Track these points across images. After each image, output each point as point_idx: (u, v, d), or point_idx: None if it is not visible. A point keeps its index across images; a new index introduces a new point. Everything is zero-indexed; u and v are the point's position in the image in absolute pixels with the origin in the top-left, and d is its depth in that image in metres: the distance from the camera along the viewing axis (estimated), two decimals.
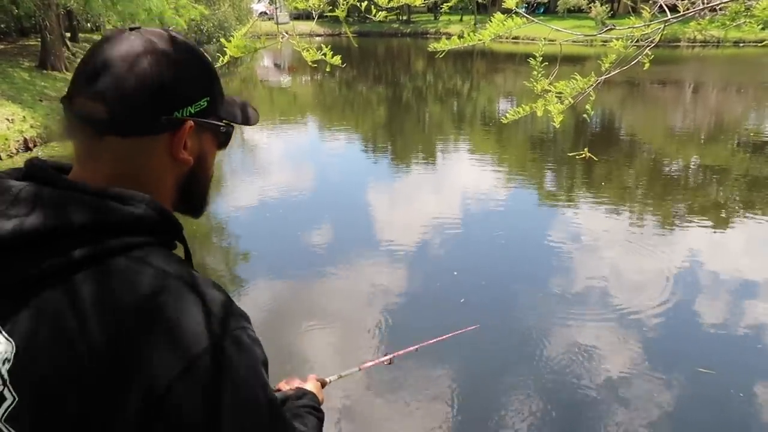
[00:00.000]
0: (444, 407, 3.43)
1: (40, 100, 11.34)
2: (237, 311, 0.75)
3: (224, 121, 0.81)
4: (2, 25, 19.92)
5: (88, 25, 21.68)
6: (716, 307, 4.58)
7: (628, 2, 28.83)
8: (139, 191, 0.72)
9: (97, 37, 21.84)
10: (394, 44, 36.66)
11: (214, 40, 28.06)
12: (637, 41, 1.98)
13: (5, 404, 0.65)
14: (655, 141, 11.40)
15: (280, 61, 27.84)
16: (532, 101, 2.29)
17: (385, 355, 1.57)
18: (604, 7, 31.45)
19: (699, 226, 6.32)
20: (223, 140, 0.83)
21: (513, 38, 30.41)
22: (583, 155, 2.09)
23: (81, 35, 20.91)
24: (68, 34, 18.40)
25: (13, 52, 16.59)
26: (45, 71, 13.71)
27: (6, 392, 0.65)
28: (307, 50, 1.85)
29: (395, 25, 42.32)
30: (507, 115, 2.08)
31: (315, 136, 12.59)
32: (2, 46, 17.80)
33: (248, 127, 0.97)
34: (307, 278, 5.22)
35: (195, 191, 0.82)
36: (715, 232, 6.19)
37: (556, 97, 2.04)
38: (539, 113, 2.09)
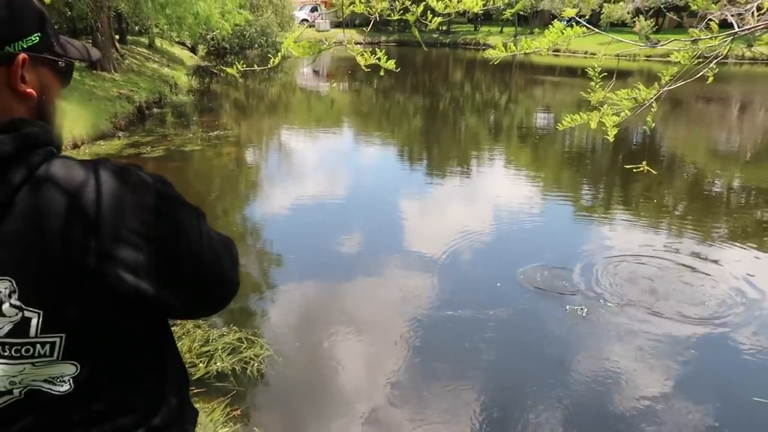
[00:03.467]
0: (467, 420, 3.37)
1: (89, 100, 11.68)
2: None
3: (60, 57, 0.90)
4: (56, 27, 20.60)
5: (137, 28, 22.28)
6: (759, 341, 4.40)
7: (674, 17, 28.22)
8: None
9: (144, 40, 22.47)
10: (432, 54, 36.66)
11: (256, 45, 28.57)
12: (699, 54, 1.92)
13: (33, 322, 0.77)
14: (698, 160, 11.10)
15: (319, 68, 28.11)
16: (580, 112, 2.24)
17: None
18: (648, 22, 30.84)
19: (748, 248, 6.10)
20: (63, 75, 0.92)
21: (554, 51, 30.07)
22: (641, 168, 2.03)
23: (129, 38, 21.51)
24: (117, 36, 18.94)
25: None
26: (94, 72, 14.12)
27: (28, 313, 0.77)
28: (362, 55, 1.85)
29: (435, 35, 42.32)
30: (562, 122, 2.03)
31: (351, 143, 12.63)
32: None
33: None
34: (339, 284, 5.22)
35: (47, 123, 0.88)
36: (763, 258, 5.96)
37: (612, 109, 1.98)
38: (593, 125, 2.04)
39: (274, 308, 4.72)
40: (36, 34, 0.84)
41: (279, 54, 1.87)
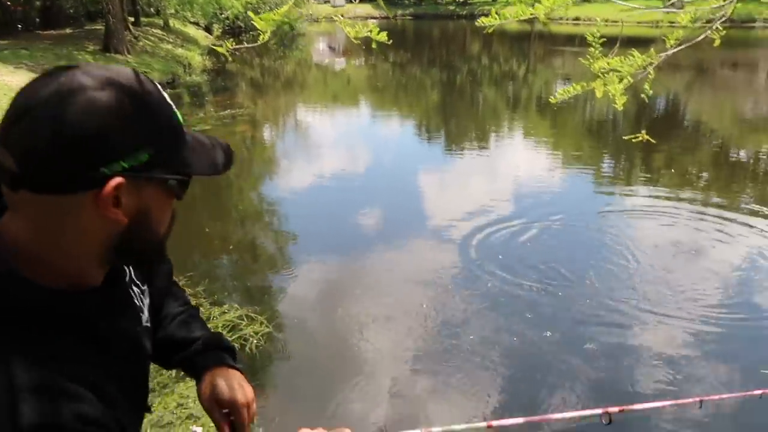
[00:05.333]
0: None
1: None
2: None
3: (175, 174, 0.70)
4: (71, 10, 20.72)
5: (151, 9, 22.26)
6: None
7: None
8: (54, 250, 0.67)
9: (159, 21, 22.47)
10: (449, 26, 36.10)
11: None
12: (708, 20, 1.82)
13: None
14: (723, 128, 10.80)
15: (334, 45, 27.88)
16: (589, 82, 2.16)
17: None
18: None
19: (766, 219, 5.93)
20: (177, 192, 0.72)
21: (573, 19, 29.41)
22: (640, 138, 1.95)
23: (143, 19, 21.51)
24: (131, 19, 18.95)
25: (80, 36, 17.26)
26: (108, 54, 14.18)
27: None
28: (352, 26, 1.79)
29: (451, 7, 41.66)
30: (556, 94, 1.96)
31: (367, 118, 12.55)
32: (70, 30, 18.53)
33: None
34: (356, 261, 5.21)
35: (133, 250, 0.72)
36: None
37: (615, 76, 1.90)
38: (599, 94, 1.96)
39: (278, 285, 4.71)
40: (146, 152, 0.66)
41: (266, 32, 1.81)
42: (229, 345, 1.09)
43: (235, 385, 1.01)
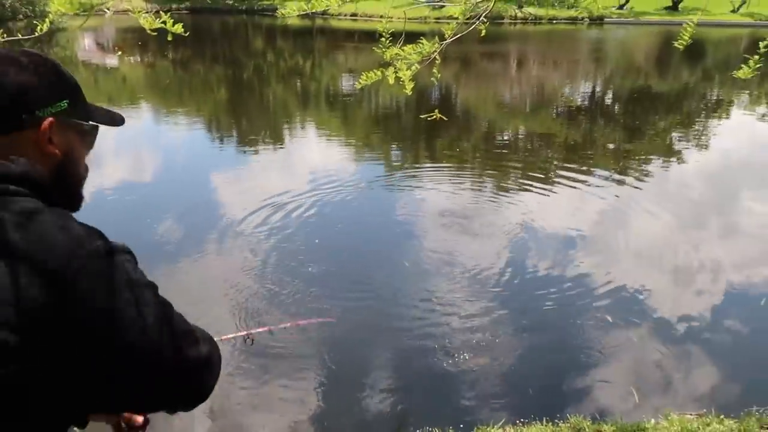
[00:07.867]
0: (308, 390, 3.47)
1: None
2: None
3: (86, 121, 0.97)
4: None
5: None
6: (545, 258, 5.13)
7: None
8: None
9: None
10: (229, 21, 35.22)
11: (21, 16, 24.97)
12: (475, 15, 2.11)
13: None
14: (488, 112, 12.28)
15: (103, 41, 25.46)
16: (381, 71, 2.35)
17: (244, 332, 1.39)
18: None
19: (533, 188, 6.94)
20: (88, 139, 1.00)
21: (351, 15, 30.76)
22: (434, 116, 2.20)
23: None
24: None
25: None
26: None
27: None
28: (145, 18, 1.71)
29: (230, 2, 40.65)
30: (359, 80, 2.11)
31: (152, 122, 11.72)
32: None
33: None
34: (161, 270, 4.92)
35: (68, 183, 0.95)
36: (546, 193, 6.85)
37: (404, 64, 2.10)
38: (391, 81, 2.15)
39: None
40: (65, 101, 0.92)
41: (47, 18, 1.65)
42: None
43: None
